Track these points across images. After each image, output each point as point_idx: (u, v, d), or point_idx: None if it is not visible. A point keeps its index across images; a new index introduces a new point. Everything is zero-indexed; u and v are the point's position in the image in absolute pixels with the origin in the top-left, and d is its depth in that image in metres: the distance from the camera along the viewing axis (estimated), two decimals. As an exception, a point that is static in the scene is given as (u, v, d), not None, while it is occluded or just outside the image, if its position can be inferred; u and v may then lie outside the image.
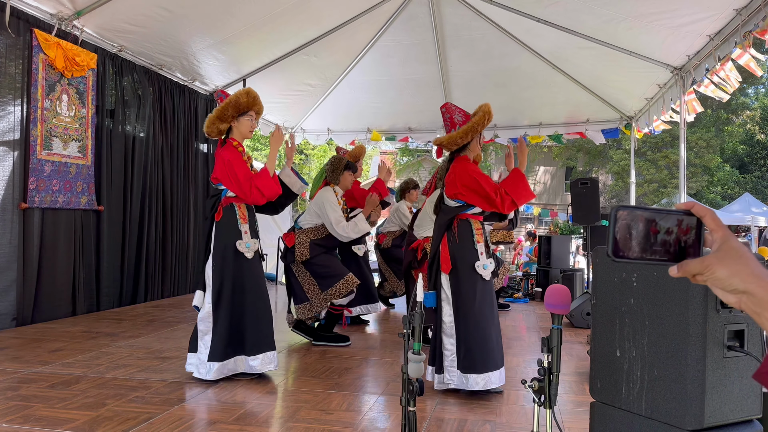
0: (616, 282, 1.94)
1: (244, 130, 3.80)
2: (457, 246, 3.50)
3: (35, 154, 5.38)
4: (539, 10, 6.83)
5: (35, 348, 4.38)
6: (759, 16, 4.97)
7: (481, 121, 3.54)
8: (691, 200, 2.40)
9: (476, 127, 3.55)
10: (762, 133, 28.61)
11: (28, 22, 5.34)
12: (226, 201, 3.74)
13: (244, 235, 3.70)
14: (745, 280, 0.74)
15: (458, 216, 3.56)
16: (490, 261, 3.50)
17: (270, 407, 3.19)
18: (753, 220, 17.35)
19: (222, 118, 3.72)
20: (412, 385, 1.91)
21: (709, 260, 0.77)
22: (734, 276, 0.75)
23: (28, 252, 5.29)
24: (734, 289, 0.76)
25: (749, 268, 0.75)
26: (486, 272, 3.47)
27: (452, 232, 3.54)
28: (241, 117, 3.78)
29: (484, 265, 3.47)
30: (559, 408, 3.24)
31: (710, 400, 1.71)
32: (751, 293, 0.74)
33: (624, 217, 0.81)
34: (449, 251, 3.50)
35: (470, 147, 3.63)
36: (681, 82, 6.87)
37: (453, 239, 3.52)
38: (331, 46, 8.05)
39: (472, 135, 3.57)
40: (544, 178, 31.38)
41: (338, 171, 5.08)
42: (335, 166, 5.09)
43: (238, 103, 3.73)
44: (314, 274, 4.77)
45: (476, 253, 3.49)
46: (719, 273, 0.76)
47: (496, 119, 10.10)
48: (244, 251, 3.68)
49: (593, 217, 6.73)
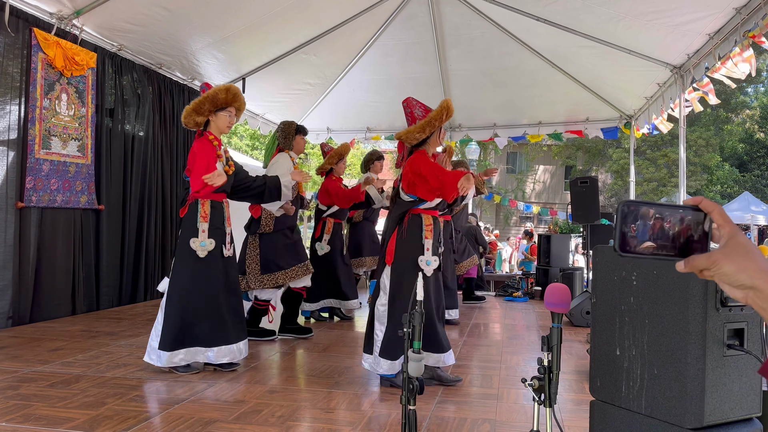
0: (616, 281, 1.94)
1: (221, 124, 3.88)
2: (404, 240, 3.59)
3: (33, 153, 5.37)
4: (539, 9, 6.83)
5: (35, 347, 4.38)
6: (759, 15, 4.96)
7: (438, 116, 3.59)
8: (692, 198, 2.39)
9: (434, 122, 3.60)
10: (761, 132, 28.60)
11: (27, 21, 5.33)
12: (192, 197, 3.80)
13: (201, 233, 3.75)
14: (752, 276, 0.75)
15: (411, 210, 3.64)
16: (435, 258, 3.58)
17: (270, 406, 3.19)
18: (752, 219, 17.37)
19: (198, 111, 3.80)
20: (412, 383, 1.92)
21: (716, 255, 0.77)
22: (741, 271, 0.75)
23: (25, 251, 5.28)
24: (741, 284, 0.76)
25: (756, 264, 0.75)
26: (428, 268, 3.55)
27: (402, 226, 3.62)
28: (220, 112, 3.86)
29: (428, 261, 3.56)
30: (559, 406, 3.24)
31: (710, 398, 1.71)
32: (758, 289, 0.74)
33: (631, 212, 0.81)
34: (395, 244, 3.60)
35: (429, 141, 3.69)
36: (680, 81, 6.86)
37: (402, 233, 3.61)
38: (330, 45, 8.04)
39: (430, 130, 3.62)
40: (544, 177, 31.38)
41: (290, 136, 5.04)
42: (286, 132, 5.05)
43: (216, 99, 3.81)
44: (263, 253, 4.81)
45: (422, 248, 3.57)
46: (726, 268, 0.76)
47: (496, 118, 10.13)
48: (196, 249, 3.72)
49: (593, 216, 6.73)
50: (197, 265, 3.76)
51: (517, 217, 30.10)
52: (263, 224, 4.78)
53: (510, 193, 28.92)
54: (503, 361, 4.36)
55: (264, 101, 9.24)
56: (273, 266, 4.79)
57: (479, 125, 10.44)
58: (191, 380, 3.60)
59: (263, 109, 9.53)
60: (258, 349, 4.62)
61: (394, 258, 3.59)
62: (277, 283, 4.80)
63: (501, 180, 30.95)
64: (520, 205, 14.89)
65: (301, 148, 5.13)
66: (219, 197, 3.91)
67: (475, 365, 4.25)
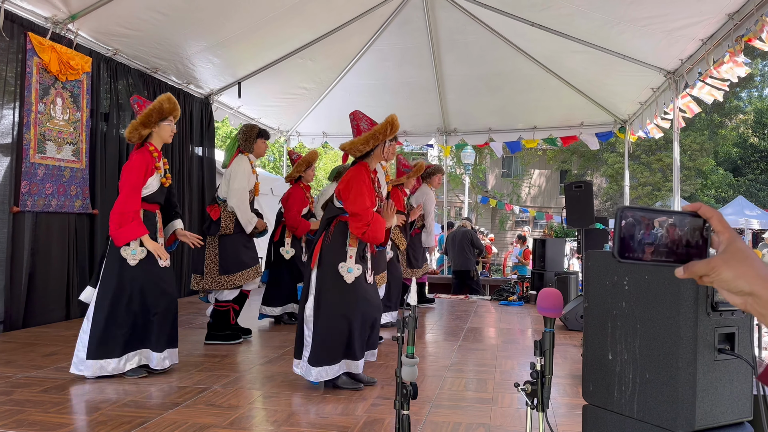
0: (608, 285, 1.95)
1: (164, 134, 3.95)
2: (328, 245, 3.64)
3: (28, 158, 5.36)
4: (533, 14, 6.87)
5: (28, 352, 4.37)
6: (751, 21, 5.01)
7: (382, 130, 3.67)
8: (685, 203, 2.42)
9: (378, 136, 3.68)
10: (755, 137, 28.75)
11: (22, 25, 5.33)
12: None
13: (132, 242, 3.76)
14: (751, 282, 0.75)
15: (339, 217, 3.69)
16: (358, 267, 3.62)
17: (264, 411, 3.19)
18: (746, 223, 17.45)
19: (146, 124, 3.86)
20: (405, 388, 1.92)
21: (715, 262, 0.78)
22: (740, 278, 0.76)
23: (18, 255, 5.27)
24: (740, 290, 0.76)
25: (754, 270, 0.76)
26: (349, 275, 3.58)
27: (329, 231, 3.68)
28: (163, 122, 3.93)
29: (349, 269, 3.59)
30: (553, 411, 3.25)
31: (701, 402, 1.72)
32: (756, 295, 0.75)
33: (630, 218, 0.81)
34: (320, 248, 3.65)
35: (374, 154, 3.77)
36: (674, 86, 6.91)
37: (327, 238, 3.66)
38: (326, 50, 8.06)
39: (373, 143, 3.69)
40: (539, 181, 31.44)
41: (251, 139, 5.07)
42: (248, 135, 5.08)
43: (162, 109, 3.89)
44: (222, 255, 4.84)
45: (344, 255, 3.61)
46: (725, 275, 0.77)
47: (492, 122, 10.17)
48: (126, 257, 3.74)
49: (587, 220, 6.75)
50: (126, 272, 3.75)
51: (513, 222, 30.14)
52: (223, 226, 4.83)
53: (506, 197, 28.98)
54: (498, 366, 4.36)
55: (259, 106, 9.25)
56: (232, 267, 4.83)
57: (474, 130, 10.48)
58: (185, 386, 3.60)
59: (258, 113, 9.54)
60: (250, 354, 4.62)
61: (319, 262, 3.63)
62: (235, 284, 4.84)
63: (497, 184, 31.02)
64: (515, 208, 14.92)
65: (261, 151, 5.18)
66: (152, 208, 3.94)
67: (470, 369, 4.26)
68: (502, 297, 8.39)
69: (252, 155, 5.08)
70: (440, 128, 10.50)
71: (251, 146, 5.06)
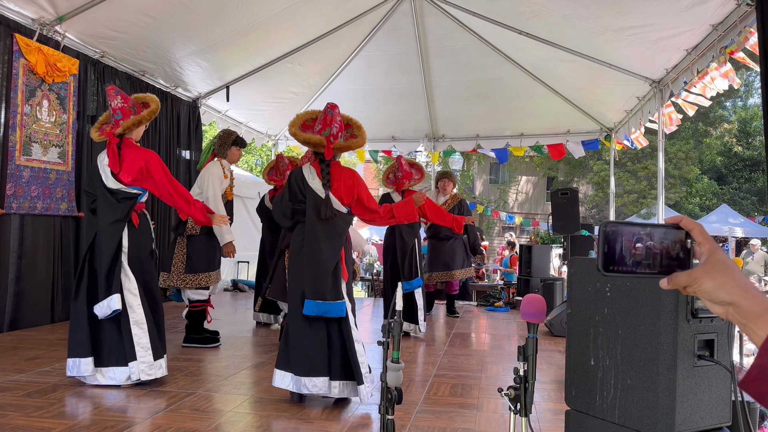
0: (591, 292, 1.98)
1: (140, 133, 3.94)
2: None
3: (14, 160, 5.32)
4: (521, 23, 6.93)
5: (11, 356, 4.32)
6: (734, 32, 5.08)
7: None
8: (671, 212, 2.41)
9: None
10: (739, 146, 29.09)
11: (8, 26, 5.29)
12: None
13: None
14: (731, 292, 0.77)
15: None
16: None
17: (249, 416, 3.18)
18: (730, 231, 17.64)
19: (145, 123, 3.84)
20: (391, 393, 1.93)
21: (697, 273, 0.80)
22: (721, 288, 0.78)
23: (3, 259, 5.22)
24: (721, 300, 0.78)
25: (735, 281, 0.78)
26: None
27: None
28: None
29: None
30: (537, 416, 3.27)
31: (681, 408, 1.74)
32: (736, 305, 0.77)
33: (613, 232, 0.83)
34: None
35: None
36: (659, 95, 6.99)
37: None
38: (315, 55, 8.07)
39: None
40: (526, 188, 31.63)
41: (226, 145, 5.13)
42: (224, 140, 5.14)
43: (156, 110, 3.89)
44: (189, 254, 4.87)
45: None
46: (706, 285, 0.79)
47: (479, 129, 10.22)
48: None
49: (573, 227, 6.81)
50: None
51: (500, 227, 30.26)
52: (190, 226, 4.86)
53: (493, 203, 29.09)
54: (483, 371, 4.38)
55: (247, 110, 9.23)
56: (197, 267, 4.86)
57: (462, 136, 10.53)
58: (170, 390, 3.58)
59: (247, 117, 9.53)
60: (234, 359, 4.60)
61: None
62: (200, 284, 4.86)
63: (484, 190, 31.15)
64: (502, 215, 14.98)
65: (235, 158, 5.25)
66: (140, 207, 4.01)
67: (456, 375, 4.27)
68: (489, 303, 8.42)
69: (225, 161, 5.13)
70: (428, 134, 10.54)
71: (225, 152, 5.13)
